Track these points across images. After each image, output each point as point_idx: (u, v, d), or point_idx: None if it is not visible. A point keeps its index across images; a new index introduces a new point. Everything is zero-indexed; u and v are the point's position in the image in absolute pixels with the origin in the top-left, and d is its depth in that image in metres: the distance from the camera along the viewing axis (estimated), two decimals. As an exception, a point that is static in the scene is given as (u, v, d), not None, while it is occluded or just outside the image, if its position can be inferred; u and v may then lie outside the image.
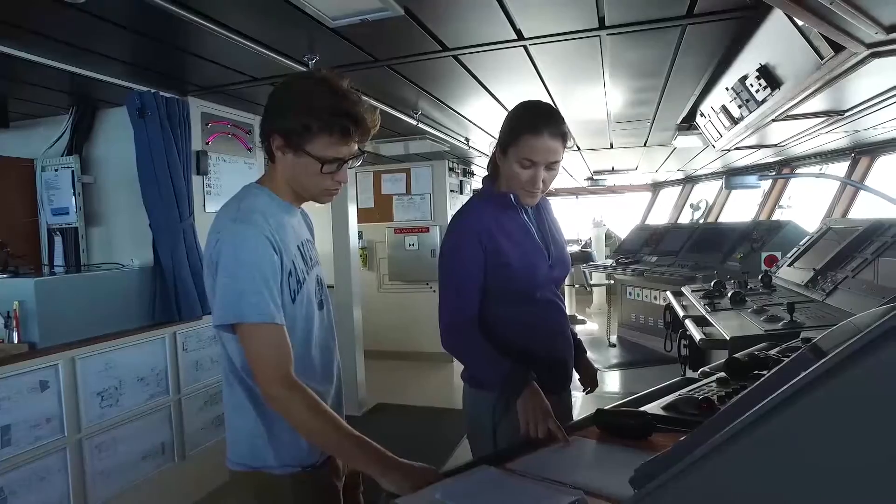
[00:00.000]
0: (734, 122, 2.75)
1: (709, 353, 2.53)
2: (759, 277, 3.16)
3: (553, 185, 1.54)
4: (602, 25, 2.02)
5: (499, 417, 1.45)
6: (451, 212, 5.73)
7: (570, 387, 1.64)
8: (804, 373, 0.42)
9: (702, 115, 3.28)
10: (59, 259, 2.89)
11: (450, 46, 2.22)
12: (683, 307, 2.97)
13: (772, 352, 1.46)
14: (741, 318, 2.37)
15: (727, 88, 2.49)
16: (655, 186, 8.60)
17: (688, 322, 2.60)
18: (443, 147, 4.41)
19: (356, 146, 1.19)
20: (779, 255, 3.89)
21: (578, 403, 4.20)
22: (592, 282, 7.66)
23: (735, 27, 2.04)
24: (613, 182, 7.88)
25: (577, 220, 9.80)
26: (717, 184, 6.69)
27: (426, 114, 3.49)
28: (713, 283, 3.09)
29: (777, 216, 5.47)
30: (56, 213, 2.86)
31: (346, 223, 4.25)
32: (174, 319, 2.72)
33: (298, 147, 1.15)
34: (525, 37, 2.12)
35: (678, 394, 1.36)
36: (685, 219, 7.18)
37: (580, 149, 5.04)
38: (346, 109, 1.14)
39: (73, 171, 2.80)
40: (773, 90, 2.14)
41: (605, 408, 1.28)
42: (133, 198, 2.71)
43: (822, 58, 1.72)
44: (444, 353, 1.50)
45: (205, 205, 2.99)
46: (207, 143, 3.01)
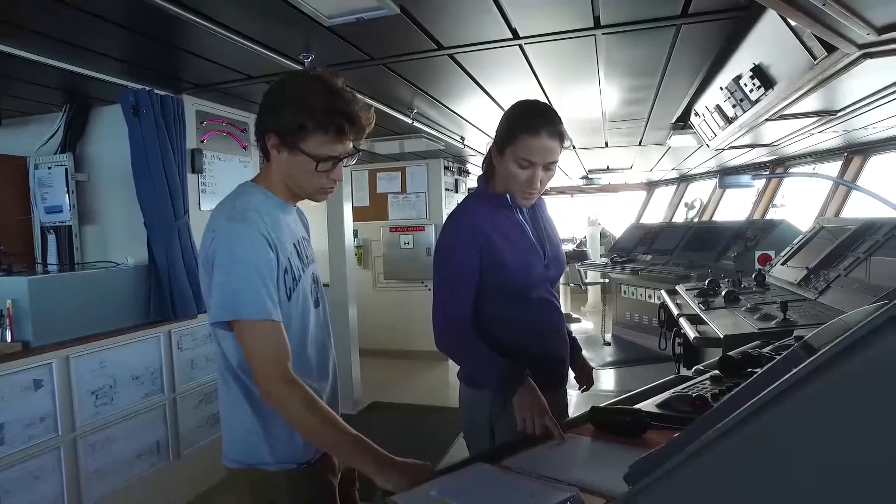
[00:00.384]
0: (728, 122, 2.77)
1: (703, 351, 2.55)
2: (753, 276, 3.19)
3: (548, 184, 1.53)
4: (597, 25, 2.03)
5: (496, 417, 1.44)
6: (447, 211, 5.73)
7: (566, 385, 1.64)
8: (795, 369, 0.42)
9: (696, 115, 3.29)
10: (53, 257, 2.88)
11: (445, 45, 2.22)
12: (678, 305, 2.98)
13: (765, 350, 1.47)
14: (735, 317, 2.39)
15: (721, 88, 2.51)
16: (650, 185, 8.63)
17: (682, 320, 2.62)
18: (438, 146, 4.41)
19: (351, 144, 1.20)
20: (772, 254, 3.92)
21: (573, 401, 4.20)
22: (587, 280, 7.69)
23: (729, 27, 2.05)
24: (608, 181, 7.89)
25: (572, 219, 9.83)
26: (712, 183, 6.72)
27: (421, 112, 3.48)
28: (707, 282, 3.11)
29: (771, 215, 5.51)
30: (49, 212, 2.84)
31: (342, 221, 4.24)
32: (169, 318, 2.71)
33: (293, 145, 1.15)
34: (520, 36, 2.13)
35: (672, 391, 1.37)
36: (680, 218, 7.21)
37: (575, 147, 5.05)
38: (341, 108, 1.14)
39: (67, 169, 2.78)
40: (767, 90, 2.15)
41: (600, 405, 1.28)
42: (127, 196, 2.70)
43: (815, 58, 1.74)
44: (439, 352, 1.49)
45: (200, 203, 2.98)
46: (202, 142, 2.99)
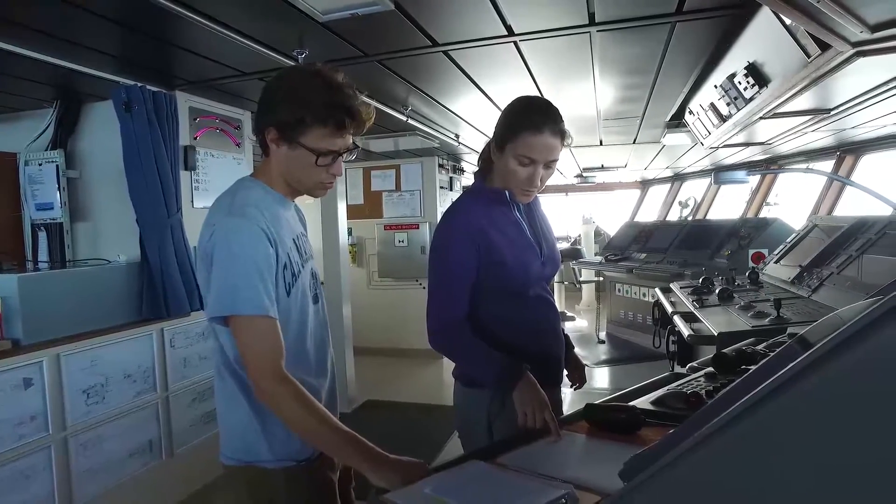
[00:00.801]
0: (722, 120, 2.77)
1: (697, 349, 2.55)
2: (747, 274, 3.20)
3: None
4: (592, 22, 2.03)
5: (494, 416, 1.42)
6: (441, 208, 5.72)
7: (562, 383, 1.64)
8: (790, 364, 0.42)
9: (690, 113, 3.30)
10: (44, 255, 2.85)
11: (440, 42, 2.21)
12: (672, 303, 2.99)
13: (759, 347, 1.47)
14: (729, 314, 2.40)
15: (716, 86, 2.51)
16: (644, 184, 8.65)
17: (676, 318, 2.62)
18: (433, 143, 4.40)
19: (350, 139, 1.19)
20: (766, 252, 3.94)
21: (568, 399, 4.22)
22: (582, 278, 7.71)
23: (723, 25, 2.06)
24: (603, 179, 7.92)
25: (567, 217, 9.84)
26: (706, 181, 6.75)
27: (416, 110, 3.48)
28: (701, 280, 3.12)
29: (764, 213, 5.54)
30: (40, 209, 2.81)
31: (336, 219, 4.23)
32: (162, 316, 2.69)
33: (293, 139, 1.15)
34: (515, 32, 2.12)
35: (666, 389, 1.37)
36: (674, 216, 7.24)
37: (569, 146, 5.05)
38: (341, 102, 1.14)
39: (58, 166, 2.75)
40: (761, 88, 2.16)
41: (595, 403, 1.28)
42: (120, 193, 2.68)
43: (809, 56, 1.74)
44: (434, 350, 1.48)
45: (193, 200, 2.96)
46: (195, 139, 2.97)
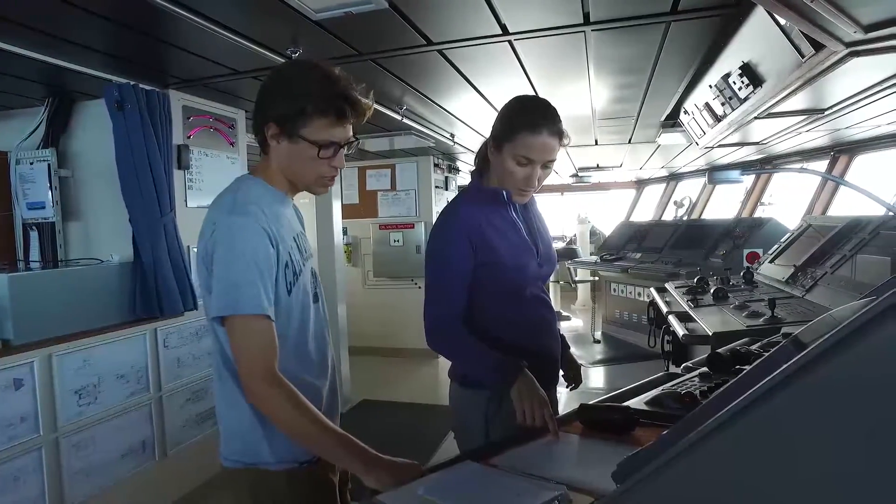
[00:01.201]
0: (717, 120, 2.78)
1: (692, 349, 2.56)
2: (741, 274, 3.21)
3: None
4: (587, 21, 2.03)
5: (491, 418, 1.42)
6: (436, 208, 5.72)
7: (558, 383, 1.63)
8: (785, 365, 0.41)
9: (685, 113, 3.30)
10: (36, 254, 2.82)
11: (434, 41, 2.20)
12: (667, 303, 3.00)
13: (753, 347, 1.48)
14: (723, 314, 2.40)
15: (710, 86, 2.51)
16: (640, 183, 8.67)
17: (671, 318, 2.63)
18: (428, 143, 4.39)
19: (351, 130, 1.18)
20: (760, 252, 3.95)
21: (563, 399, 4.21)
22: (577, 278, 7.72)
23: (718, 25, 2.06)
24: (598, 179, 7.93)
25: (562, 217, 9.86)
26: (701, 181, 6.77)
27: (411, 109, 3.47)
28: (696, 280, 3.13)
29: (759, 213, 5.56)
30: (32, 208, 2.79)
31: (331, 219, 4.22)
32: (155, 316, 2.67)
33: (293, 132, 1.14)
34: (510, 31, 2.12)
35: (661, 389, 1.37)
36: (669, 216, 7.25)
37: (565, 145, 5.05)
38: (341, 91, 1.13)
39: (50, 165, 2.73)
40: (756, 88, 2.16)
41: (589, 403, 1.28)
42: (112, 192, 2.65)
43: (803, 56, 1.74)
44: (429, 350, 1.47)
45: (186, 200, 2.94)
46: (189, 137, 2.95)
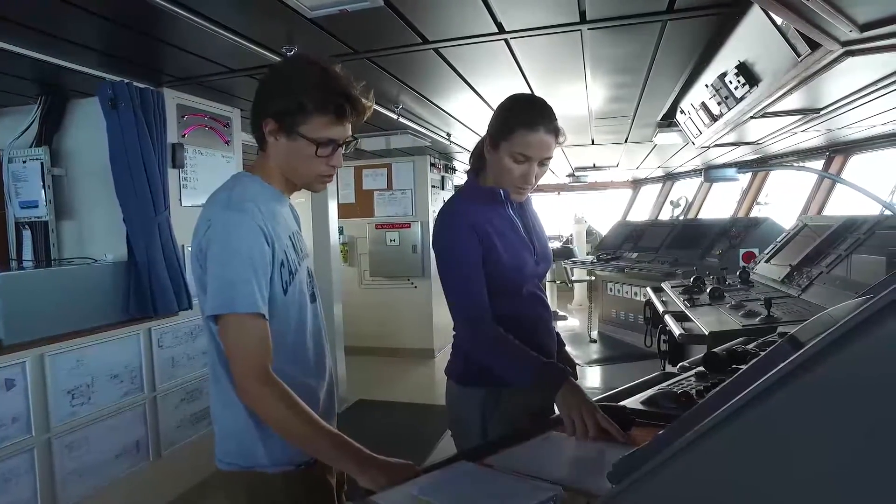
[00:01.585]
0: (713, 119, 2.78)
1: (688, 348, 2.56)
2: (738, 273, 3.21)
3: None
4: (583, 20, 2.02)
5: (488, 416, 1.41)
6: (433, 208, 5.71)
7: None
8: (782, 364, 0.41)
9: (682, 112, 3.30)
10: (29, 253, 2.80)
11: (430, 39, 2.19)
12: (663, 303, 2.99)
13: (749, 346, 1.47)
14: (719, 314, 2.40)
15: (707, 85, 2.51)
16: (636, 183, 8.68)
17: (667, 317, 2.63)
18: (424, 142, 4.38)
19: (349, 128, 1.17)
20: (756, 252, 3.95)
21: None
22: (574, 278, 7.72)
23: (714, 24, 2.06)
24: (595, 179, 7.94)
25: (559, 217, 9.87)
26: (697, 181, 6.78)
27: (407, 108, 3.46)
28: (692, 279, 3.13)
29: (755, 213, 5.57)
30: (24, 206, 2.77)
31: (327, 218, 4.20)
32: (149, 315, 2.66)
33: (292, 129, 1.12)
34: (506, 30, 2.11)
35: (657, 388, 1.36)
36: (665, 215, 7.26)
37: (561, 145, 5.05)
38: (341, 88, 1.12)
39: (43, 163, 2.71)
40: (752, 87, 2.16)
41: (584, 402, 1.27)
42: (106, 191, 2.64)
43: (799, 55, 1.74)
44: (425, 349, 1.48)
45: (181, 199, 2.92)
46: (183, 136, 2.94)
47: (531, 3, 1.90)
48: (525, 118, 1.37)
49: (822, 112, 2.58)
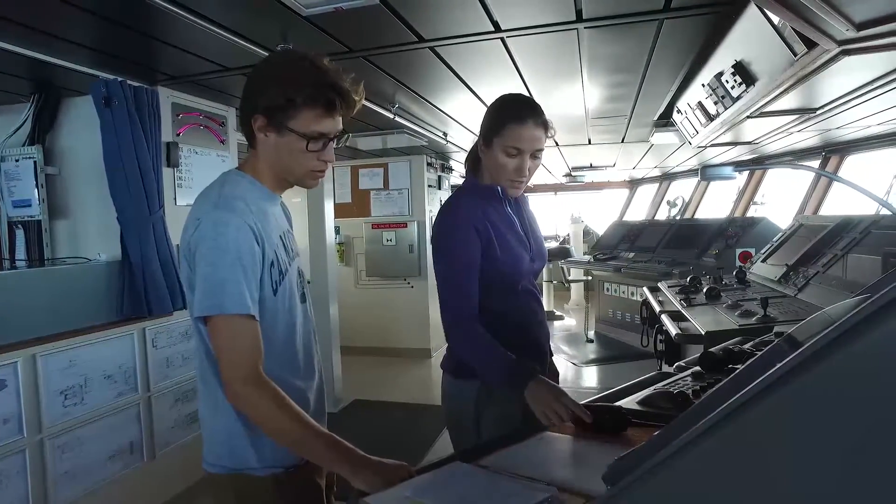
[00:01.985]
0: (710, 119, 2.78)
1: (684, 348, 2.56)
2: (734, 273, 3.21)
3: (531, 182, 1.55)
4: (579, 18, 2.01)
5: (482, 407, 1.45)
6: (430, 207, 5.70)
7: (546, 374, 1.63)
8: (780, 363, 0.40)
9: (678, 112, 3.30)
10: (22, 253, 2.78)
11: (426, 38, 2.18)
12: (660, 302, 2.99)
13: (746, 346, 1.47)
14: (716, 313, 2.40)
15: (703, 85, 2.51)
16: (633, 183, 8.69)
17: (664, 317, 2.62)
18: (420, 142, 4.37)
19: (340, 122, 1.15)
20: (753, 251, 3.96)
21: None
22: (570, 278, 7.73)
23: (711, 23, 2.05)
24: (591, 178, 7.94)
25: (556, 217, 9.87)
26: (694, 181, 6.79)
27: (403, 107, 3.45)
28: (689, 279, 3.13)
29: (751, 213, 5.59)
30: (17, 206, 2.75)
31: (323, 218, 4.19)
32: (143, 315, 2.64)
33: (281, 124, 1.10)
34: (502, 28, 2.10)
35: (653, 388, 1.36)
36: (662, 215, 7.28)
37: (558, 145, 5.05)
38: (330, 81, 1.10)
39: (36, 162, 2.69)
40: (748, 87, 2.16)
41: (581, 403, 1.26)
42: (100, 190, 2.62)
43: (796, 55, 1.74)
44: (422, 349, 1.49)
45: (176, 198, 2.90)
46: (178, 135, 2.92)
47: (528, 2, 1.89)
48: (514, 113, 1.42)
49: (819, 112, 2.58)
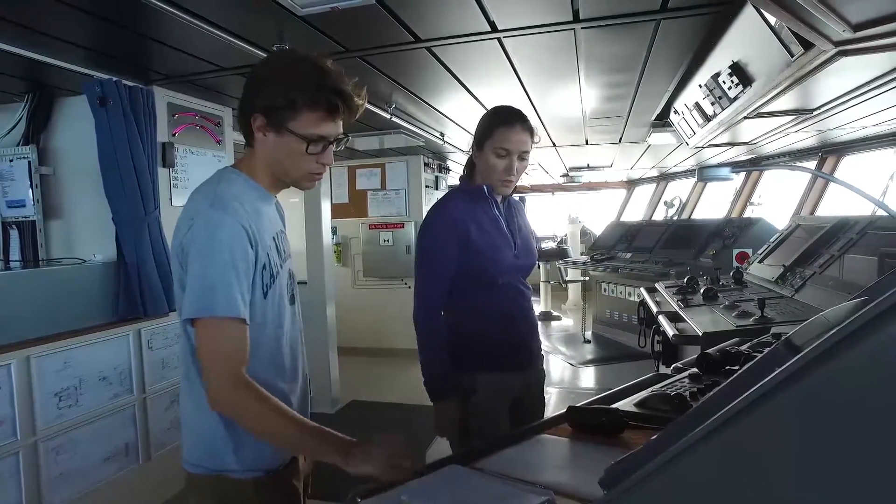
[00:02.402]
0: (707, 120, 2.78)
1: (682, 349, 2.55)
2: (731, 274, 3.21)
3: (529, 182, 1.63)
4: (576, 18, 2.01)
5: (467, 398, 1.61)
6: (427, 208, 5.67)
7: (532, 367, 1.75)
8: (780, 368, 0.39)
9: (675, 113, 3.30)
10: (16, 254, 2.77)
11: (422, 38, 2.18)
12: (657, 303, 2.99)
13: (743, 347, 1.46)
14: (713, 314, 2.39)
15: (700, 85, 2.51)
16: (630, 183, 8.70)
17: (661, 318, 2.62)
18: (418, 142, 4.36)
19: (341, 126, 1.14)
20: (750, 252, 3.96)
21: (552, 401, 4.21)
22: (568, 278, 7.72)
23: (708, 23, 2.05)
24: (589, 179, 7.94)
25: (553, 217, 9.85)
26: (691, 181, 6.80)
27: (400, 107, 3.44)
28: (686, 280, 3.12)
29: (748, 213, 5.59)
30: (11, 206, 2.73)
31: (320, 218, 4.17)
32: (139, 316, 2.63)
33: (281, 125, 1.09)
34: (499, 28, 2.09)
35: (651, 390, 1.35)
36: (659, 216, 7.28)
37: (556, 145, 5.05)
38: (333, 84, 1.08)
39: (30, 162, 2.67)
40: (745, 87, 2.16)
41: (578, 405, 1.26)
42: (95, 190, 2.60)
43: (793, 55, 1.74)
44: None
45: (171, 198, 2.89)
46: (174, 135, 2.90)
47: (524, 2, 1.88)
48: (502, 118, 1.60)
49: (815, 112, 2.59)
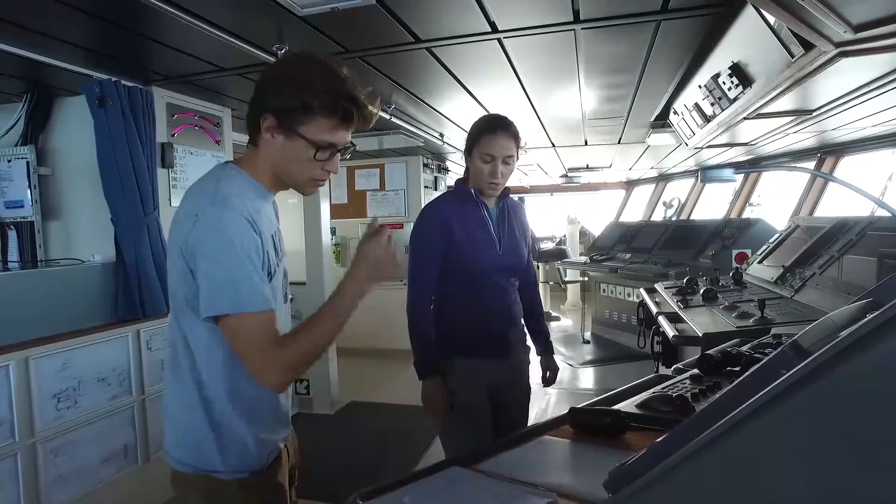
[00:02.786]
0: (707, 120, 2.77)
1: (681, 349, 2.55)
2: (731, 274, 3.21)
3: (528, 183, 1.65)
4: (576, 19, 2.01)
5: (448, 381, 1.78)
6: (426, 208, 5.68)
7: (512, 355, 1.89)
8: (789, 372, 0.39)
9: (675, 113, 3.30)
10: (14, 255, 2.76)
11: (422, 38, 2.17)
12: (656, 304, 2.99)
13: (744, 348, 1.46)
14: (713, 315, 2.39)
15: (700, 86, 2.51)
16: (629, 184, 8.70)
17: (661, 318, 2.62)
18: (417, 142, 4.36)
19: (350, 135, 1.14)
20: (749, 253, 3.97)
21: (553, 402, 4.21)
22: (567, 279, 7.72)
23: (708, 24, 2.05)
24: (588, 179, 7.94)
25: (552, 218, 9.85)
26: (690, 182, 6.80)
27: (400, 108, 3.43)
28: (685, 280, 3.12)
29: (748, 214, 5.60)
30: (10, 206, 2.72)
31: (319, 219, 4.17)
32: (138, 317, 2.62)
33: (292, 128, 1.08)
34: (499, 29, 2.09)
35: (652, 391, 1.35)
36: (658, 216, 7.28)
37: (555, 146, 5.05)
38: (349, 93, 1.08)
39: (29, 163, 2.67)
40: (745, 88, 2.15)
41: (579, 406, 1.26)
42: (94, 191, 2.60)
43: (793, 56, 1.74)
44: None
45: (170, 199, 2.88)
46: (173, 135, 2.90)
47: (525, 2, 1.88)
48: (487, 127, 1.74)
49: (815, 113, 2.58)
